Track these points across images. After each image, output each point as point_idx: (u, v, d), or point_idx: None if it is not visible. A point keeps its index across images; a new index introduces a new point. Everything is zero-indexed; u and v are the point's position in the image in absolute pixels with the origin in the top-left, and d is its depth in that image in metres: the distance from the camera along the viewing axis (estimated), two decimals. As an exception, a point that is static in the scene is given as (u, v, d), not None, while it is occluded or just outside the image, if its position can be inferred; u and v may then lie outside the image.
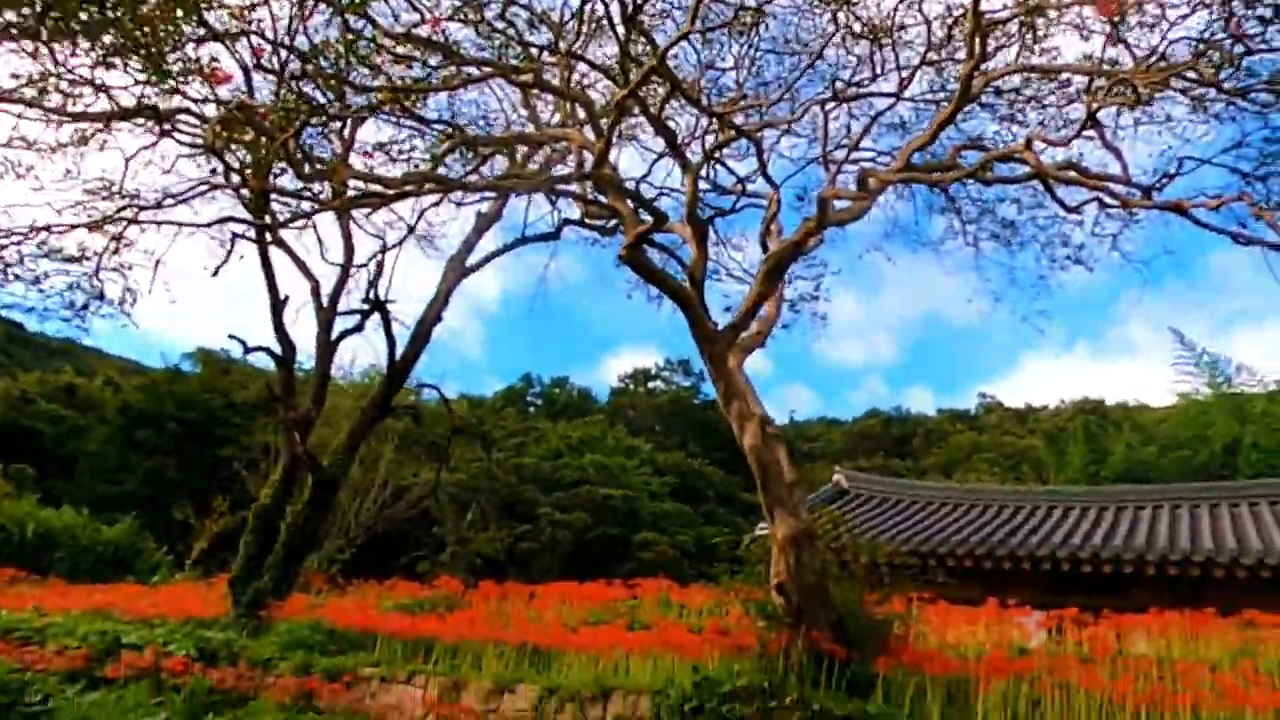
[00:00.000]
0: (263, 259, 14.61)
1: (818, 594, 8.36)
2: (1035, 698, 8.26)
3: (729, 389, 8.33)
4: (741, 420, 8.27)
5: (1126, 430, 38.65)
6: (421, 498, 20.49)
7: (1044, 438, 45.14)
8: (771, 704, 7.66)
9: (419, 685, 10.61)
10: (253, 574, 13.67)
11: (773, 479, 8.21)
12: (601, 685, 8.93)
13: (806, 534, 8.28)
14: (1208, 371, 35.46)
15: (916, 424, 64.71)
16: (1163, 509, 20.41)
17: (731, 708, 7.68)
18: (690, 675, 8.11)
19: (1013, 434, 57.49)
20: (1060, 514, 21.13)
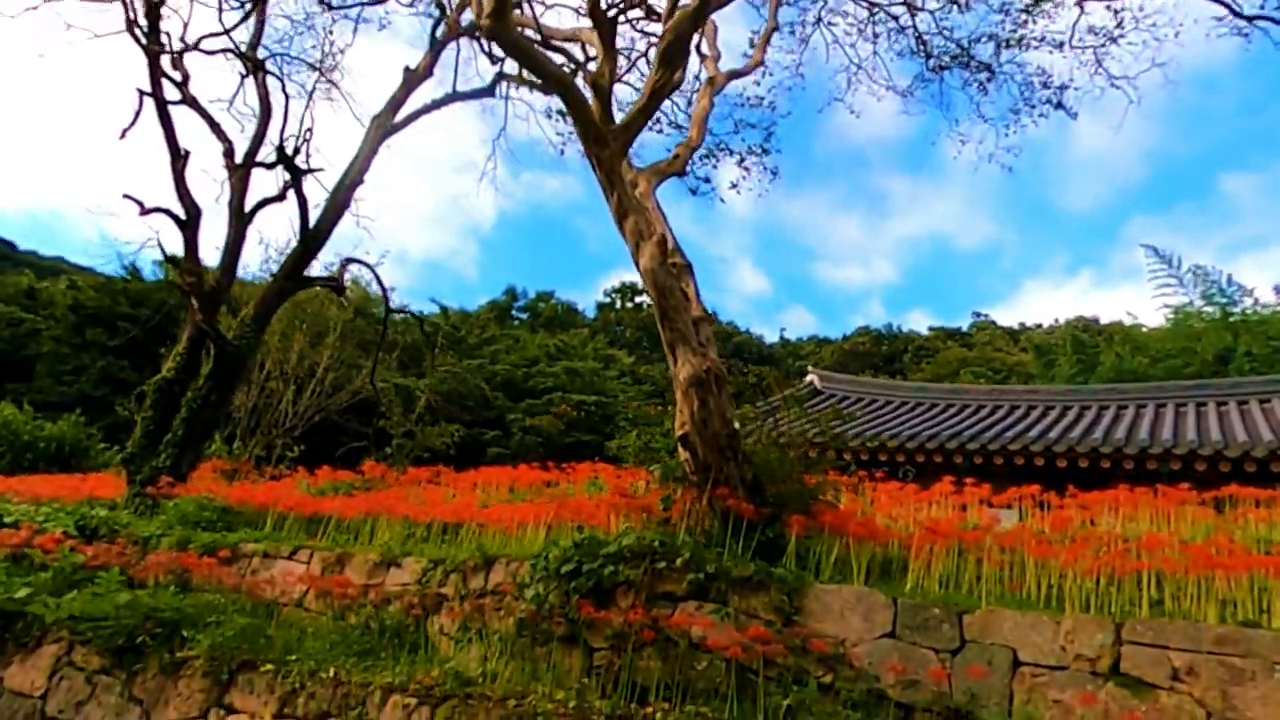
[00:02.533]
0: (158, 106, 13.12)
1: (728, 446, 7.19)
2: (980, 573, 7.17)
3: (623, 202, 7.01)
4: (637, 239, 6.97)
5: (1117, 341, 37.51)
6: (358, 390, 19.37)
7: (1034, 350, 44.10)
8: (659, 564, 6.54)
9: (302, 560, 9.57)
10: (149, 452, 12.54)
11: (673, 310, 6.95)
12: (485, 555, 7.83)
13: (714, 375, 7.07)
14: (1201, 283, 34.40)
15: (907, 341, 63.62)
16: (1146, 407, 19.38)
17: (614, 569, 6.57)
18: (575, 537, 6.99)
19: (1004, 350, 56.46)
20: (1040, 412, 20.10)
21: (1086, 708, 5.59)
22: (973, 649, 6.07)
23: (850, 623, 6.33)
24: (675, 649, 6.21)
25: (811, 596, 6.48)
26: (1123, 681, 5.66)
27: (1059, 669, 5.85)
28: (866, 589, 6.50)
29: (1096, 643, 5.81)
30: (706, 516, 7.37)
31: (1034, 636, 6.00)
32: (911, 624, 6.24)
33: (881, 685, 5.97)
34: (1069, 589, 6.83)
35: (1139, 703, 5.54)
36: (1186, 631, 5.67)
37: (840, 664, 6.10)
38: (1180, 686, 5.55)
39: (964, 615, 6.22)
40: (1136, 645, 5.74)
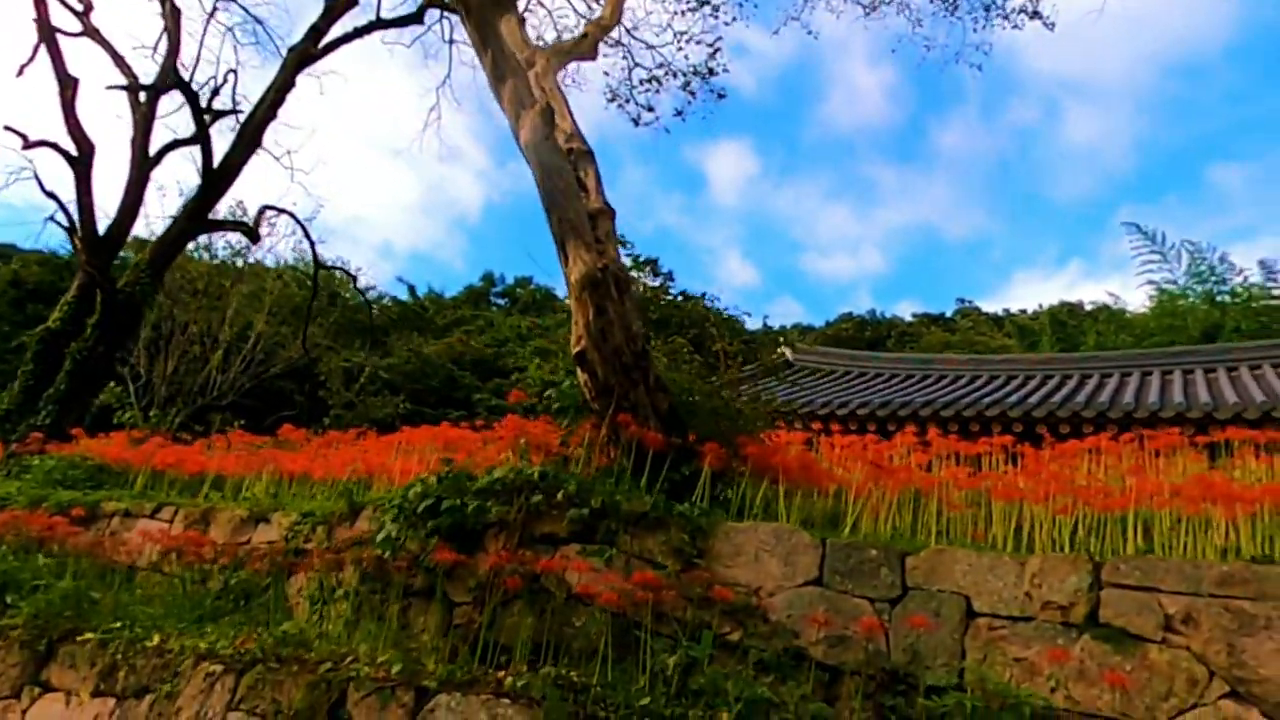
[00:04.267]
0: (40, 29, 11.79)
1: (634, 366, 5.97)
2: (942, 527, 6.01)
3: (499, 63, 5.76)
4: (517, 108, 5.74)
5: (1100, 320, 36.65)
6: (294, 358, 18.02)
7: (1016, 333, 43.21)
8: (535, 499, 5.31)
9: (165, 519, 8.31)
10: (28, 409, 11.23)
11: (561, 195, 5.72)
12: (352, 503, 6.60)
13: (613, 277, 5.85)
14: (1190, 259, 33.60)
15: (890, 326, 62.65)
16: (1131, 375, 18.30)
17: (479, 506, 5.34)
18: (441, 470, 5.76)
19: (986, 335, 55.60)
20: (1019, 381, 18.99)
21: (1056, 666, 4.40)
22: (916, 597, 4.88)
23: (767, 567, 5.12)
24: (550, 601, 5.00)
25: (720, 537, 5.26)
26: (1102, 633, 4.47)
27: (1023, 620, 4.66)
28: (788, 527, 5.29)
29: (1070, 586, 4.62)
30: (608, 449, 6.16)
31: (992, 581, 4.80)
32: (842, 568, 5.03)
33: (802, 643, 4.77)
34: (1040, 537, 5.69)
35: (1123, 659, 4.36)
36: (1183, 571, 4.49)
37: (751, 617, 4.89)
38: (1175, 638, 4.37)
39: (907, 557, 5.01)
40: (1120, 589, 4.56)
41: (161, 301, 15.62)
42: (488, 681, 4.44)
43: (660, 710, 4.17)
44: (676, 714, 4.13)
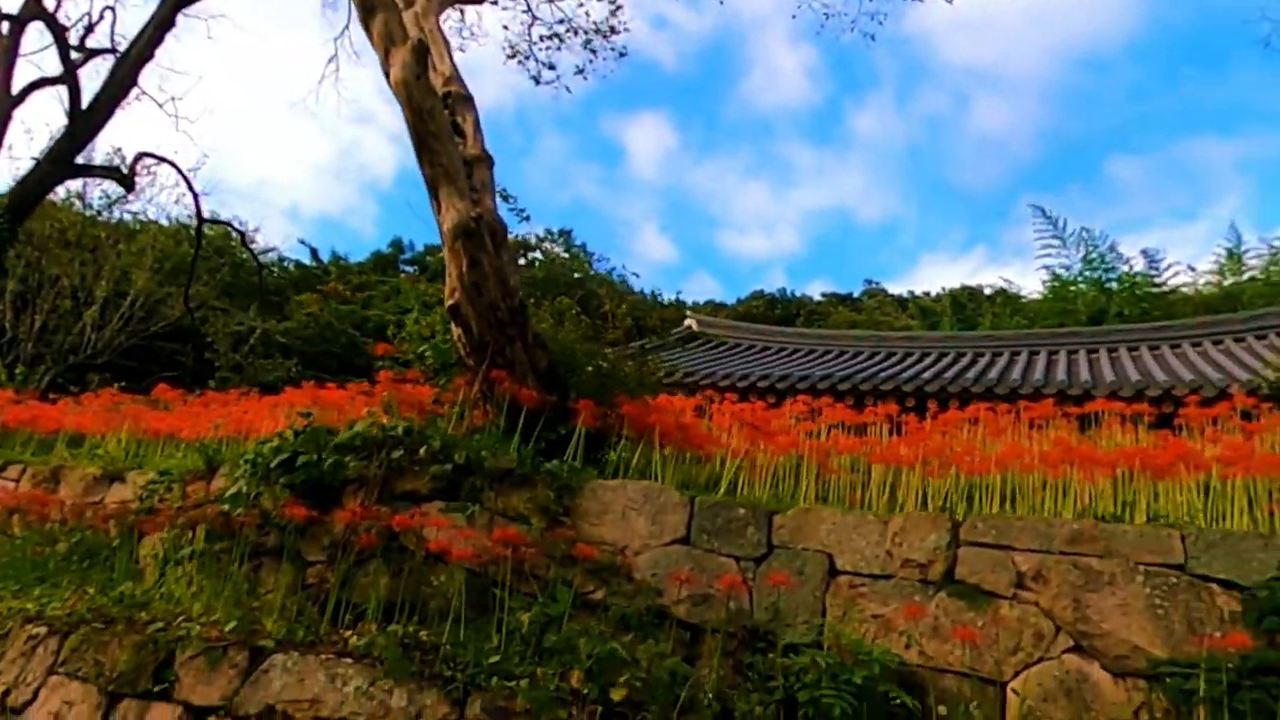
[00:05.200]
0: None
1: (510, 321, 5.77)
2: (823, 491, 6.02)
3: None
4: (387, 44, 5.42)
5: (996, 303, 37.95)
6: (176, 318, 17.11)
7: (918, 314, 44.40)
8: (397, 455, 5.09)
9: (11, 477, 7.76)
10: None
11: (434, 139, 5.44)
12: (209, 459, 6.24)
13: (487, 227, 5.61)
14: (1084, 246, 35.01)
15: (800, 305, 63.66)
16: (1020, 354, 18.92)
17: (336, 461, 5.08)
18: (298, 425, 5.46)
19: (891, 315, 57.01)
20: (916, 357, 19.43)
21: (911, 622, 4.42)
22: (781, 556, 4.85)
23: (634, 526, 5.02)
24: (408, 560, 4.79)
25: (589, 495, 5.14)
26: (958, 590, 4.51)
27: (883, 578, 4.67)
28: (657, 485, 5.20)
29: (929, 545, 4.65)
30: (483, 406, 5.96)
31: (856, 540, 4.80)
32: (710, 527, 4.97)
33: (665, 601, 4.69)
34: (913, 500, 5.74)
35: (975, 615, 4.41)
36: (1036, 529, 4.55)
37: (615, 575, 4.79)
38: (1025, 595, 4.43)
39: (774, 516, 4.98)
40: (976, 547, 4.60)
41: (27, 252, 14.61)
42: (332, 641, 4.22)
43: (511, 668, 4.03)
44: (527, 672, 4.00)
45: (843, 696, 3.91)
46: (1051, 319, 33.74)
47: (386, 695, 3.94)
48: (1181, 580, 4.25)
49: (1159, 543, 4.36)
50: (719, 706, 4.04)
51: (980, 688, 4.31)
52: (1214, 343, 17.85)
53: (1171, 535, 4.37)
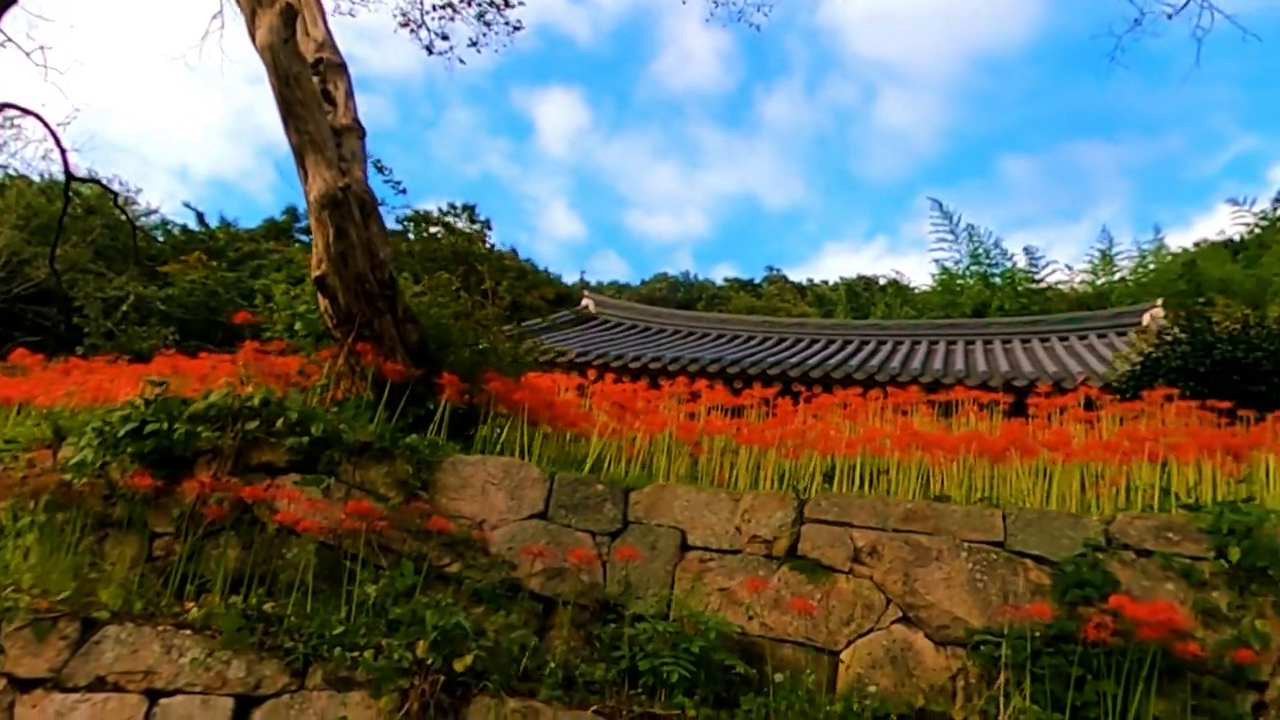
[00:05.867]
0: None
1: (379, 295, 5.71)
2: (694, 470, 6.17)
3: (233, -47, 5.29)
4: (254, 4, 5.29)
5: (889, 294, 39.24)
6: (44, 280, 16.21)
7: (815, 302, 45.51)
8: (252, 425, 5.01)
9: None
10: None
11: (302, 105, 5.34)
12: (57, 427, 5.99)
13: (355, 198, 5.54)
14: (971, 242, 36.49)
15: (702, 289, 64.46)
16: (903, 343, 19.67)
17: (191, 430, 4.97)
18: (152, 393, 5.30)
19: (790, 302, 58.23)
20: (806, 343, 19.95)
21: (754, 595, 4.62)
22: (636, 531, 4.99)
23: (493, 501, 5.08)
24: (261, 533, 4.73)
25: (448, 470, 5.17)
26: (799, 565, 4.73)
27: (731, 553, 4.86)
28: (518, 461, 5.27)
29: (775, 522, 4.85)
30: (351, 380, 5.90)
31: (708, 516, 4.98)
32: (568, 503, 5.06)
33: (519, 575, 4.77)
34: (774, 479, 5.95)
35: (814, 588, 4.64)
36: (874, 508, 4.81)
37: (471, 549, 4.84)
38: (861, 569, 4.68)
39: (631, 493, 5.11)
40: (819, 524, 4.83)
41: None
42: (173, 613, 4.16)
43: (356, 640, 4.05)
44: (373, 643, 4.02)
45: (680, 664, 4.08)
46: (939, 310, 35.10)
47: (224, 666, 3.91)
48: (1000, 556, 4.56)
49: (983, 521, 4.67)
50: (563, 675, 4.14)
51: (815, 657, 4.54)
52: (1079, 338, 18.89)
53: (994, 514, 4.68)
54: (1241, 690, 4.07)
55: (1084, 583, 4.30)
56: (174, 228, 41.91)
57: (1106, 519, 4.58)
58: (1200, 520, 4.41)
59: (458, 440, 5.84)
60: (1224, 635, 4.13)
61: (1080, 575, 4.34)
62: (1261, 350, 9.59)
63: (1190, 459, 5.35)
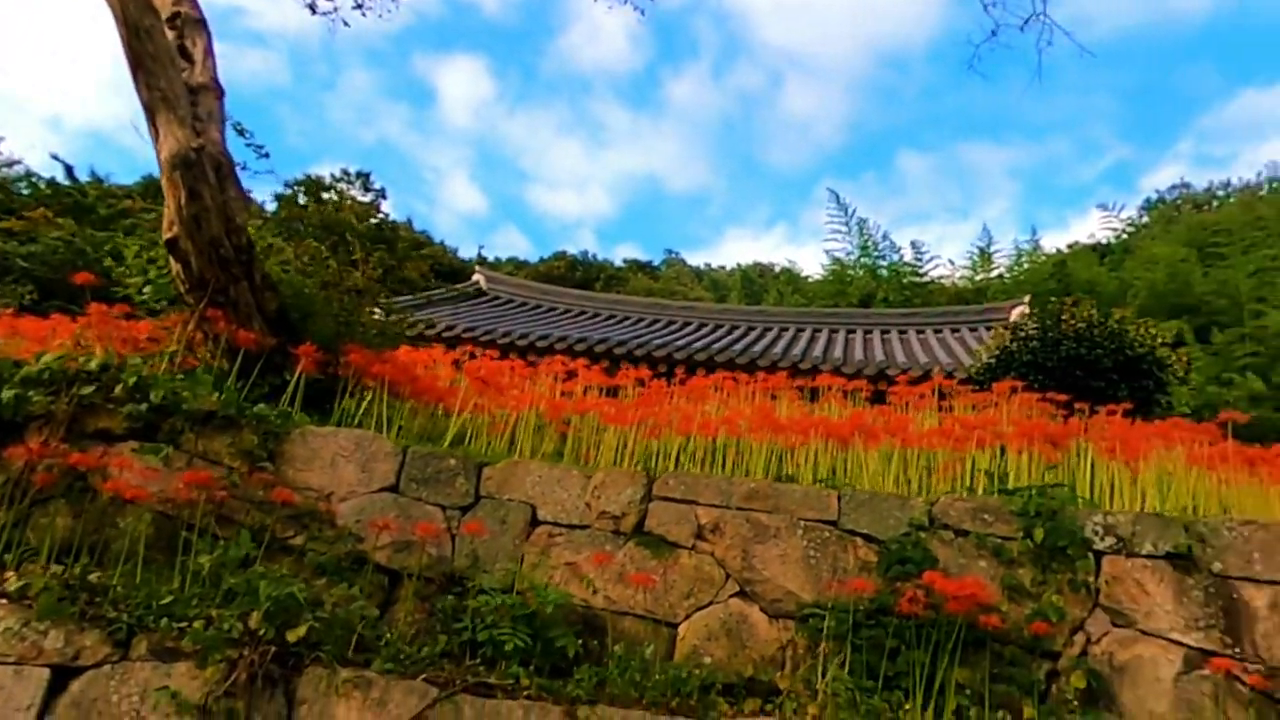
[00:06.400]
0: None
1: (235, 260, 5.55)
2: (562, 447, 6.23)
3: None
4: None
5: (781, 281, 40.16)
6: None
7: (711, 286, 46.17)
8: (88, 391, 4.83)
9: None
10: None
11: (153, 60, 5.13)
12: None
13: (210, 159, 5.37)
14: (858, 233, 37.70)
15: (600, 269, 64.42)
16: (788, 330, 20.20)
17: (21, 394, 4.76)
18: None
19: (687, 286, 58.92)
20: (694, 327, 20.28)
21: (599, 569, 4.74)
22: (487, 506, 5.03)
23: (343, 473, 5.04)
24: (93, 502, 4.57)
25: (297, 441, 5.10)
26: (645, 541, 4.88)
27: (580, 528, 4.97)
28: (370, 433, 5.24)
29: (624, 498, 4.98)
30: (203, 346, 5.74)
31: (560, 492, 5.06)
32: (420, 476, 5.07)
33: (366, 547, 4.75)
34: (634, 457, 6.07)
35: (658, 563, 4.78)
36: (719, 486, 4.98)
37: (317, 521, 4.80)
38: (703, 545, 4.86)
39: (484, 468, 5.16)
40: (666, 501, 4.98)
41: None
42: (-12, 583, 3.99)
43: (186, 611, 3.97)
44: (204, 614, 3.96)
45: (518, 634, 4.16)
46: (829, 299, 36.14)
47: (41, 636, 3.78)
48: (834, 534, 4.81)
49: (820, 501, 4.90)
50: (402, 646, 4.17)
51: (656, 629, 4.70)
52: (953, 330, 19.77)
53: (830, 495, 4.92)
54: (1038, 659, 4.43)
55: (905, 559, 4.58)
56: (40, 181, 39.48)
57: (931, 501, 4.88)
58: (1012, 503, 4.74)
59: (318, 413, 5.76)
60: (1026, 609, 4.47)
61: (903, 553, 4.62)
62: (1103, 349, 10.27)
63: (1017, 447, 5.72)
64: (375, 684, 3.82)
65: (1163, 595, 4.45)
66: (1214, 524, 4.60)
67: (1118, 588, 4.51)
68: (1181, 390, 24.78)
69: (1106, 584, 4.53)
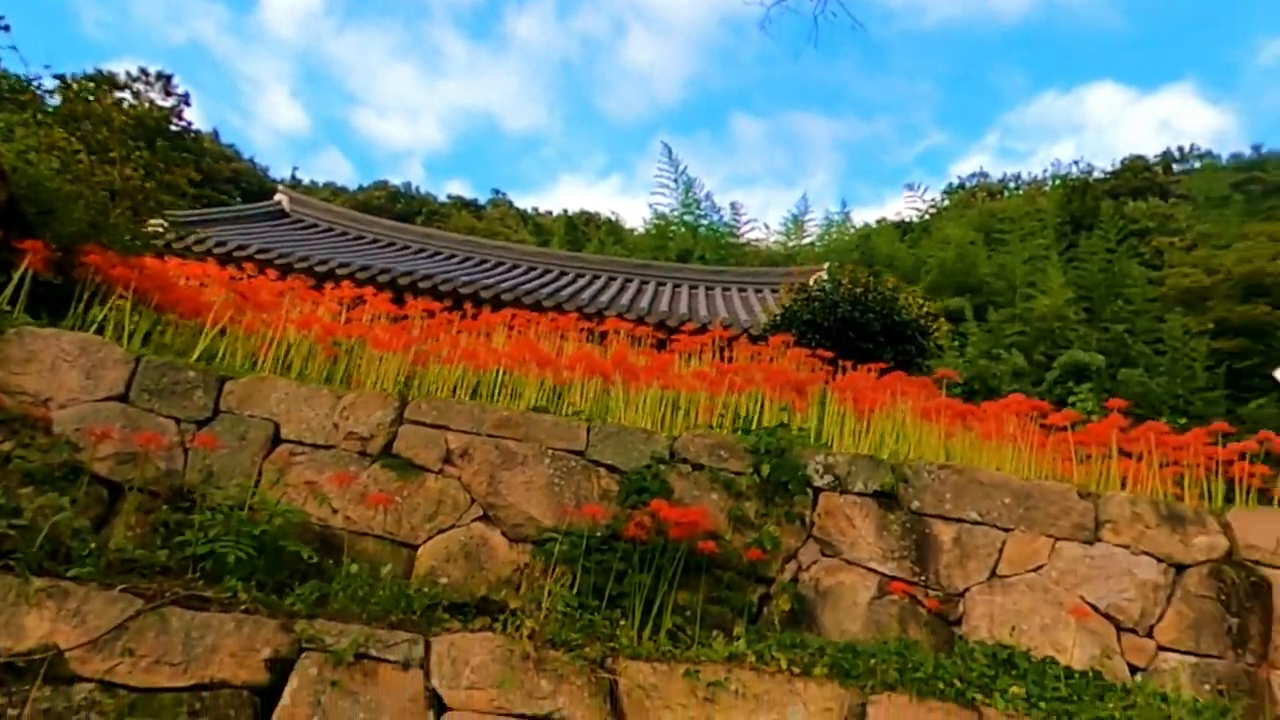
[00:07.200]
0: None
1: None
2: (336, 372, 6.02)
3: None
4: None
5: (603, 231, 40.47)
6: None
7: (534, 230, 45.87)
8: None
9: None
10: None
11: None
12: None
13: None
14: (684, 190, 38.51)
15: (422, 203, 62.45)
16: (600, 278, 20.39)
17: None
18: None
19: (510, 228, 58.14)
20: (507, 267, 20.11)
21: (340, 489, 4.69)
22: (227, 420, 4.85)
23: (64, 378, 4.70)
24: None
25: (13, 341, 4.71)
26: (392, 463, 4.86)
27: (326, 448, 4.88)
28: (97, 338, 4.92)
29: (374, 420, 4.93)
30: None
31: (307, 411, 4.95)
32: (154, 387, 4.81)
33: (85, 458, 4.47)
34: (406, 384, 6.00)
35: (403, 485, 4.79)
36: (471, 413, 5.03)
37: (29, 427, 4.47)
38: (451, 470, 4.90)
39: (227, 382, 4.96)
40: (417, 425, 4.97)
41: None
42: None
43: None
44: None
45: (241, 547, 4.06)
46: (649, 252, 36.76)
47: None
48: (580, 464, 4.97)
49: (569, 431, 5.05)
50: (115, 558, 3.97)
51: (396, 550, 4.71)
52: (755, 291, 20.59)
53: (580, 426, 5.08)
54: (753, 584, 4.79)
55: (643, 489, 4.81)
56: None
57: (673, 436, 5.13)
58: (746, 441, 5.07)
59: (54, 316, 5.32)
60: (748, 538, 4.82)
61: (642, 483, 4.85)
62: (874, 313, 11.04)
63: (768, 394, 6.09)
64: (73, 594, 3.63)
65: (867, 529, 4.92)
66: (917, 467, 5.11)
67: (829, 521, 4.94)
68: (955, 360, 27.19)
69: (820, 517, 4.96)
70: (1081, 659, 4.64)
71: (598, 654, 3.97)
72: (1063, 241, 35.65)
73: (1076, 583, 4.84)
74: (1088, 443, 6.06)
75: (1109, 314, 29.83)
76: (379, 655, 3.80)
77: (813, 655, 4.19)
